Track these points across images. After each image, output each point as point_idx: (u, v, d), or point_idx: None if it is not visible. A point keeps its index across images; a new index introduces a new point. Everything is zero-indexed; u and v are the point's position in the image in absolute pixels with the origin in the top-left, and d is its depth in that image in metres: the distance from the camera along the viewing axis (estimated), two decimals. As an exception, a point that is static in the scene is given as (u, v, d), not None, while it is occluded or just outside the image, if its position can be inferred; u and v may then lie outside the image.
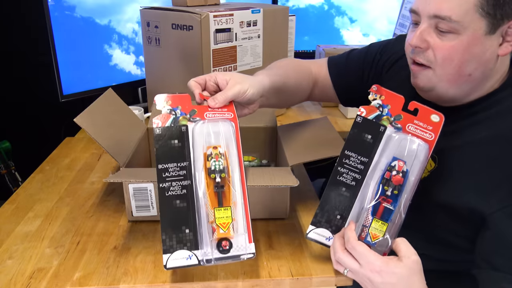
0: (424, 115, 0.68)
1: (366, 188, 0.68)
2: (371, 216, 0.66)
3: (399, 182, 0.66)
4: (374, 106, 0.69)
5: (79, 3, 1.29)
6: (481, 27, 0.67)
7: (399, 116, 0.69)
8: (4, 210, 0.88)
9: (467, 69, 0.70)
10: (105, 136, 0.80)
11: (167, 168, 0.65)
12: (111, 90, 0.97)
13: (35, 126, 1.83)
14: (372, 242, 0.66)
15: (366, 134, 0.69)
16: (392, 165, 0.67)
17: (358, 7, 1.79)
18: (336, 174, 0.69)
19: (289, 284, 0.70)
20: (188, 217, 0.64)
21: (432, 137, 0.67)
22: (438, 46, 0.70)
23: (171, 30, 1.17)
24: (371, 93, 0.69)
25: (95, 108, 0.86)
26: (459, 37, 0.68)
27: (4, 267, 0.71)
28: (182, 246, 0.64)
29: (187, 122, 0.68)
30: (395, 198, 0.66)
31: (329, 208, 0.69)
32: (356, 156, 0.69)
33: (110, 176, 0.71)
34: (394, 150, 0.68)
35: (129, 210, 0.82)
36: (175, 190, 0.65)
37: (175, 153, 0.66)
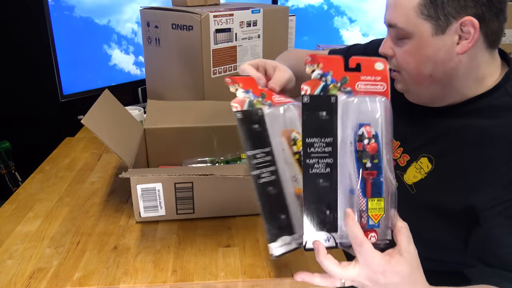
0: (368, 67, 0.61)
1: (344, 169, 0.60)
2: (363, 197, 0.59)
3: (374, 149, 0.59)
4: (316, 79, 0.61)
5: (78, 3, 1.29)
6: (426, 30, 0.70)
7: (344, 78, 0.61)
8: (4, 210, 0.88)
9: (425, 70, 0.73)
10: (111, 137, 0.80)
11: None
12: (107, 91, 0.97)
13: (35, 126, 1.83)
14: (376, 223, 0.59)
15: (320, 112, 0.60)
16: (360, 133, 0.60)
17: (358, 7, 1.79)
18: (307, 168, 0.59)
19: (289, 284, 0.70)
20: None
21: (385, 87, 0.62)
22: (397, 52, 0.76)
23: (171, 30, 1.17)
24: (308, 66, 0.61)
25: (96, 110, 0.86)
26: (411, 41, 0.73)
27: (4, 267, 0.71)
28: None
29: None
30: (377, 167, 0.59)
31: (315, 208, 0.60)
32: (319, 140, 0.59)
33: (127, 172, 0.71)
34: (355, 117, 0.60)
35: (137, 210, 0.81)
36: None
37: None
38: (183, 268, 0.71)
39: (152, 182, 0.78)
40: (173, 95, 1.24)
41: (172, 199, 0.81)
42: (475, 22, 0.67)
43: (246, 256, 0.74)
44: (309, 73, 0.61)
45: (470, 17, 0.67)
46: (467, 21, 0.68)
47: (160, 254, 0.74)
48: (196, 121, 1.01)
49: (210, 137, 1.01)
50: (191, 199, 0.81)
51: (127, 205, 0.90)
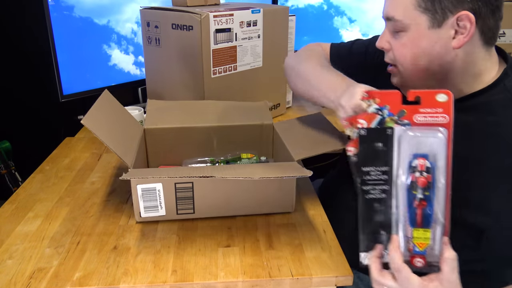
0: (428, 99, 0.62)
1: (397, 196, 0.64)
2: (410, 226, 0.63)
3: (424, 184, 0.62)
4: (372, 113, 0.64)
5: (77, 3, 1.29)
6: (423, 22, 0.72)
7: (402, 112, 0.63)
8: (4, 210, 0.88)
9: (421, 63, 0.74)
10: (111, 137, 0.80)
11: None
12: (107, 92, 0.97)
13: (35, 126, 1.83)
14: (422, 250, 0.63)
15: (376, 143, 0.64)
16: (413, 165, 0.62)
17: (357, 6, 1.79)
18: (364, 194, 0.65)
19: (289, 284, 0.70)
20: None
21: (447, 119, 0.62)
22: (394, 45, 0.78)
23: (171, 30, 1.17)
24: (364, 102, 0.65)
25: (97, 110, 0.86)
26: (407, 34, 0.74)
27: (4, 267, 0.71)
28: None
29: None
30: (428, 199, 0.62)
31: (371, 229, 0.65)
32: (375, 168, 0.64)
33: (127, 174, 0.71)
34: (411, 148, 0.62)
35: (137, 211, 0.81)
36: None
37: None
38: (183, 268, 0.71)
39: (152, 182, 0.78)
40: (173, 95, 1.24)
41: (173, 199, 0.81)
42: (471, 17, 0.68)
43: (246, 256, 0.74)
44: (366, 108, 0.65)
45: (466, 11, 0.68)
46: (464, 16, 0.68)
47: (160, 254, 0.74)
48: (196, 121, 1.01)
49: (210, 137, 1.01)
50: (191, 199, 0.81)
51: (127, 205, 0.90)
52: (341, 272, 0.71)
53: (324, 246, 0.77)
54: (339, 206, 0.93)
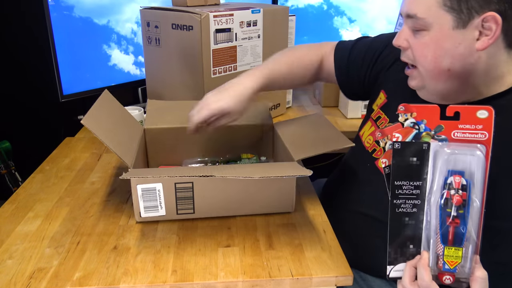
0: (468, 115, 0.61)
1: (429, 211, 0.63)
2: (441, 244, 0.62)
3: (459, 202, 0.60)
4: (408, 127, 0.63)
5: (77, 3, 1.29)
6: (447, 22, 0.69)
7: (439, 127, 0.62)
8: (4, 210, 0.88)
9: (443, 64, 0.72)
10: (111, 137, 0.80)
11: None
12: (107, 92, 0.97)
13: (35, 126, 1.83)
14: (452, 268, 0.62)
15: (410, 157, 0.63)
16: (448, 182, 0.61)
17: (357, 6, 1.79)
18: (394, 208, 0.64)
19: (289, 284, 0.70)
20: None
21: (486, 136, 0.61)
22: (414, 44, 0.75)
23: (171, 30, 1.17)
24: (400, 115, 0.64)
25: (97, 110, 0.86)
26: (429, 34, 0.71)
27: (4, 267, 0.71)
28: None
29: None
30: (462, 217, 0.60)
31: (399, 242, 0.64)
32: (408, 183, 0.63)
33: (127, 173, 0.71)
34: (447, 164, 0.61)
35: (137, 211, 0.81)
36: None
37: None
38: (183, 268, 0.71)
39: (152, 182, 0.78)
40: (173, 95, 1.24)
41: (173, 199, 0.81)
42: (498, 18, 0.66)
43: (246, 256, 0.74)
44: (402, 121, 0.64)
45: (493, 12, 0.66)
46: (490, 17, 0.66)
47: (160, 254, 0.74)
48: None
49: (210, 137, 1.01)
50: (191, 199, 0.81)
51: (127, 205, 0.90)
52: (341, 272, 0.71)
53: (324, 246, 0.77)
54: (340, 206, 0.93)
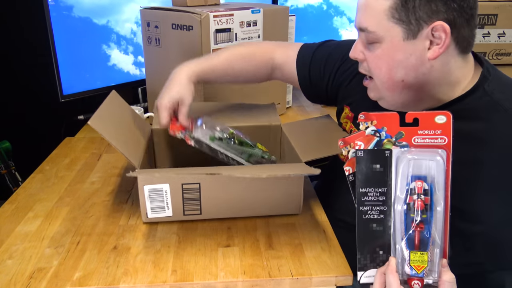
0: (427, 121, 0.62)
1: (395, 217, 0.63)
2: (407, 249, 0.62)
3: (421, 207, 0.61)
4: (370, 135, 0.64)
5: (77, 3, 1.29)
6: (397, 34, 0.69)
7: (400, 133, 0.64)
8: (4, 210, 0.88)
9: (397, 75, 0.72)
10: (118, 138, 0.80)
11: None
12: (115, 92, 0.97)
13: (35, 126, 1.83)
14: (419, 273, 0.62)
15: (373, 164, 0.64)
16: (411, 187, 0.62)
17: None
18: (361, 215, 0.65)
19: (289, 284, 0.70)
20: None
21: (445, 141, 0.62)
22: (368, 56, 0.75)
23: (171, 30, 1.17)
24: (361, 123, 0.64)
25: (103, 111, 0.85)
26: (381, 46, 0.71)
27: (4, 267, 0.71)
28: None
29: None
30: (426, 221, 0.61)
31: (368, 248, 0.65)
32: (373, 189, 0.64)
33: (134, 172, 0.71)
34: (409, 170, 0.62)
35: (144, 211, 0.81)
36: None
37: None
38: (183, 268, 0.71)
39: (160, 182, 0.78)
40: (173, 95, 1.24)
41: (180, 200, 0.81)
42: (446, 27, 0.66)
43: (246, 256, 0.74)
44: (363, 129, 0.64)
45: (441, 22, 0.66)
46: (438, 26, 0.66)
47: (160, 254, 0.74)
48: None
49: None
50: (198, 200, 0.81)
51: (127, 205, 0.90)
52: (341, 272, 0.71)
53: (324, 246, 0.77)
54: (336, 209, 0.92)
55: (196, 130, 0.91)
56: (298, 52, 1.01)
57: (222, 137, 0.91)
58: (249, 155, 0.91)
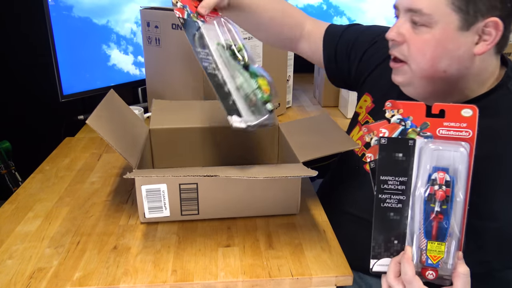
0: (453, 113, 0.62)
1: (414, 206, 0.63)
2: (424, 238, 0.62)
3: (442, 197, 0.61)
4: (395, 123, 0.64)
5: (76, 3, 1.29)
6: (453, 22, 0.67)
7: (425, 124, 0.63)
8: (4, 210, 0.88)
9: (441, 65, 0.70)
10: (115, 138, 0.80)
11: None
12: (113, 91, 0.97)
13: (35, 126, 1.83)
14: (435, 263, 0.62)
15: (396, 153, 0.64)
16: (433, 178, 0.62)
17: (356, 6, 1.79)
18: (379, 202, 0.65)
19: (289, 284, 0.70)
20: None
21: (470, 134, 0.62)
22: (412, 39, 0.71)
23: (171, 30, 1.17)
24: (387, 111, 0.64)
25: (102, 110, 0.85)
26: (432, 31, 0.69)
27: (4, 267, 0.71)
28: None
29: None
30: (445, 212, 0.61)
31: (383, 237, 0.65)
32: (393, 178, 0.64)
33: (131, 173, 0.71)
34: (432, 161, 0.62)
35: (141, 211, 0.81)
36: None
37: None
38: (183, 268, 0.71)
39: (157, 183, 0.78)
40: (173, 95, 1.24)
41: (177, 200, 0.81)
42: (499, 24, 0.66)
43: (246, 256, 0.74)
44: (389, 117, 0.64)
45: (496, 18, 0.65)
46: (492, 22, 0.66)
47: (160, 254, 0.74)
48: (202, 121, 1.01)
49: (216, 138, 1.01)
50: (196, 200, 0.81)
51: (127, 205, 0.90)
52: (341, 272, 0.71)
53: (324, 246, 0.77)
54: (334, 209, 0.92)
55: (210, 24, 0.80)
56: (325, 30, 0.99)
57: (229, 46, 0.79)
58: (240, 84, 0.77)
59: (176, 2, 0.79)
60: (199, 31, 0.78)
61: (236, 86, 0.76)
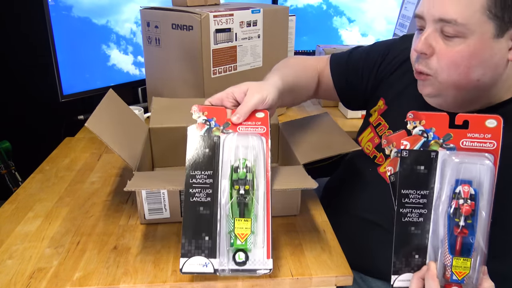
0: (477, 124, 0.60)
1: (436, 221, 0.61)
2: (449, 254, 0.60)
3: (468, 212, 0.59)
4: (417, 135, 0.62)
5: (76, 3, 1.29)
6: (488, 30, 0.64)
7: (448, 135, 0.61)
8: (4, 210, 0.88)
9: (475, 75, 0.67)
10: (115, 139, 0.80)
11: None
12: (112, 91, 0.96)
13: (35, 126, 1.83)
14: (460, 279, 0.60)
15: (418, 166, 0.62)
16: (457, 191, 0.60)
17: (356, 6, 1.79)
18: (400, 217, 0.63)
19: (289, 284, 0.70)
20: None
21: (494, 146, 0.60)
22: (443, 51, 0.67)
23: (171, 30, 1.17)
24: (409, 122, 0.62)
25: (101, 111, 0.85)
26: (466, 41, 0.65)
27: (4, 267, 0.71)
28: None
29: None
30: (470, 227, 0.59)
31: (404, 252, 0.63)
32: (415, 191, 0.62)
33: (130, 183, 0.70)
34: (455, 173, 0.60)
35: (141, 213, 0.81)
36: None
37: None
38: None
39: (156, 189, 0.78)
40: (173, 95, 1.24)
41: (177, 201, 0.80)
42: None
43: (246, 256, 0.74)
44: (410, 129, 0.62)
45: None
46: None
47: (160, 254, 0.74)
48: None
49: None
50: None
51: (127, 205, 0.90)
52: (341, 272, 0.71)
53: (324, 246, 0.77)
54: (339, 209, 0.92)
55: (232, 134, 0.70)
56: (329, 59, 0.99)
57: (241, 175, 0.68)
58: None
59: (199, 116, 0.71)
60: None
61: None
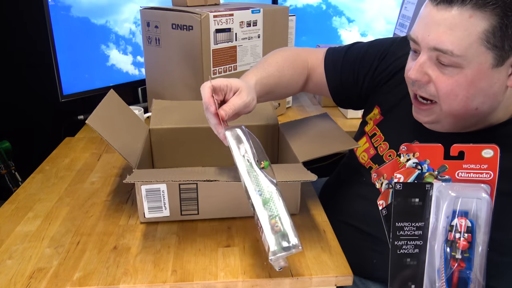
0: (473, 154, 0.58)
1: (432, 252, 0.60)
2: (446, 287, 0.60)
3: (465, 247, 0.58)
4: (410, 167, 0.60)
5: (75, 3, 1.29)
6: (487, 61, 0.62)
7: (443, 167, 0.60)
8: (4, 210, 0.88)
9: (474, 104, 0.66)
10: (115, 138, 0.80)
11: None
12: (112, 91, 0.97)
13: (35, 126, 1.83)
14: None
15: (412, 198, 0.61)
16: (453, 224, 0.58)
17: (356, 6, 1.79)
18: (395, 249, 0.62)
19: (289, 284, 0.70)
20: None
21: (491, 176, 0.58)
22: (439, 80, 0.66)
23: (171, 30, 1.17)
24: (402, 155, 0.60)
25: (102, 110, 0.85)
26: (463, 71, 0.64)
27: (4, 267, 0.71)
28: None
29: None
30: (467, 260, 0.58)
31: (400, 282, 0.63)
32: (410, 224, 0.61)
33: (131, 176, 0.71)
34: (451, 204, 0.59)
35: (141, 211, 0.81)
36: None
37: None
38: (183, 268, 0.71)
39: (157, 183, 0.78)
40: (173, 95, 1.24)
41: (177, 200, 0.81)
42: None
43: (246, 256, 0.74)
44: (403, 162, 0.61)
45: None
46: None
47: (160, 254, 0.74)
48: (201, 121, 1.01)
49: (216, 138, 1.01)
50: (196, 200, 0.81)
51: (127, 205, 0.90)
52: (341, 272, 0.71)
53: (324, 246, 0.77)
54: (334, 216, 0.92)
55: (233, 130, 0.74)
56: (325, 55, 0.96)
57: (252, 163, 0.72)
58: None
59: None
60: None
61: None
